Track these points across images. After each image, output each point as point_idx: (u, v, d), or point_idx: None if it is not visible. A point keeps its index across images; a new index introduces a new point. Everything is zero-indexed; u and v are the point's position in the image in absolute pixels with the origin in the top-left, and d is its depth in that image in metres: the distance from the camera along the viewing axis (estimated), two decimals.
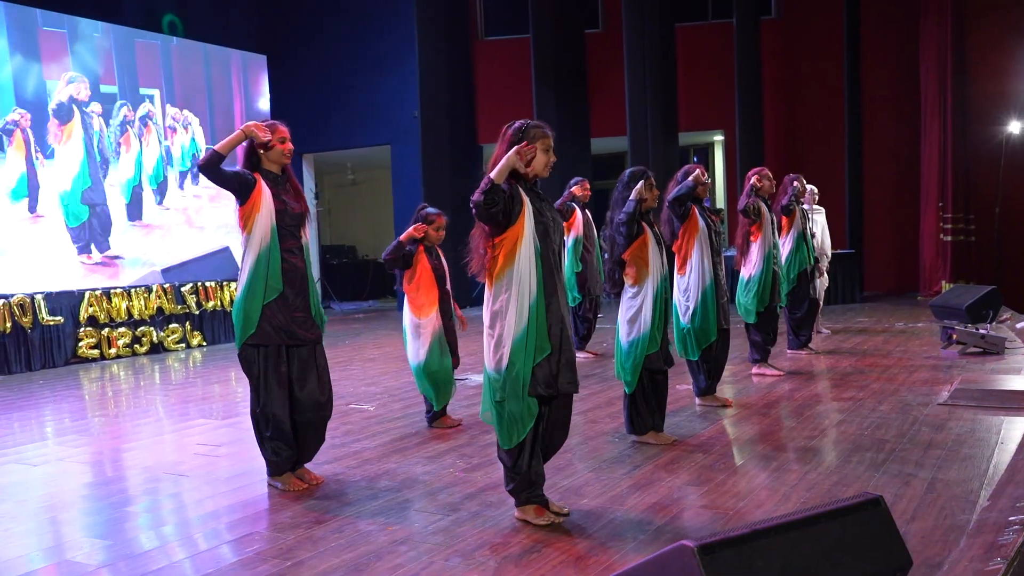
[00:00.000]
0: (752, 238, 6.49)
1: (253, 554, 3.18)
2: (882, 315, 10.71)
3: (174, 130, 10.96)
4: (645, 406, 4.64)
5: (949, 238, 12.58)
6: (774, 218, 6.72)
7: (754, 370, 6.67)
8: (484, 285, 3.43)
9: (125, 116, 10.26)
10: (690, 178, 5.29)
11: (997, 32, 12.75)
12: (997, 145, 12.64)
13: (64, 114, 9.48)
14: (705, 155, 17.21)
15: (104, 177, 9.91)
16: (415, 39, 13.39)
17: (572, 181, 8.14)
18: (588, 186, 8.19)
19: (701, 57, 14.41)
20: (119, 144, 10.15)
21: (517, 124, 3.48)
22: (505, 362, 3.28)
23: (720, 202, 16.06)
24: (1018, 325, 8.51)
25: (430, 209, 5.37)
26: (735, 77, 13.34)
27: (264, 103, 12.57)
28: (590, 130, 14.38)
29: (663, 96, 13.10)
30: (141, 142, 10.45)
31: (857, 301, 12.30)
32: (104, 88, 10.05)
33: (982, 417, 4.91)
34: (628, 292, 4.58)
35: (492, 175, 3.24)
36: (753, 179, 6.56)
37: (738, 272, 6.64)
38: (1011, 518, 3.00)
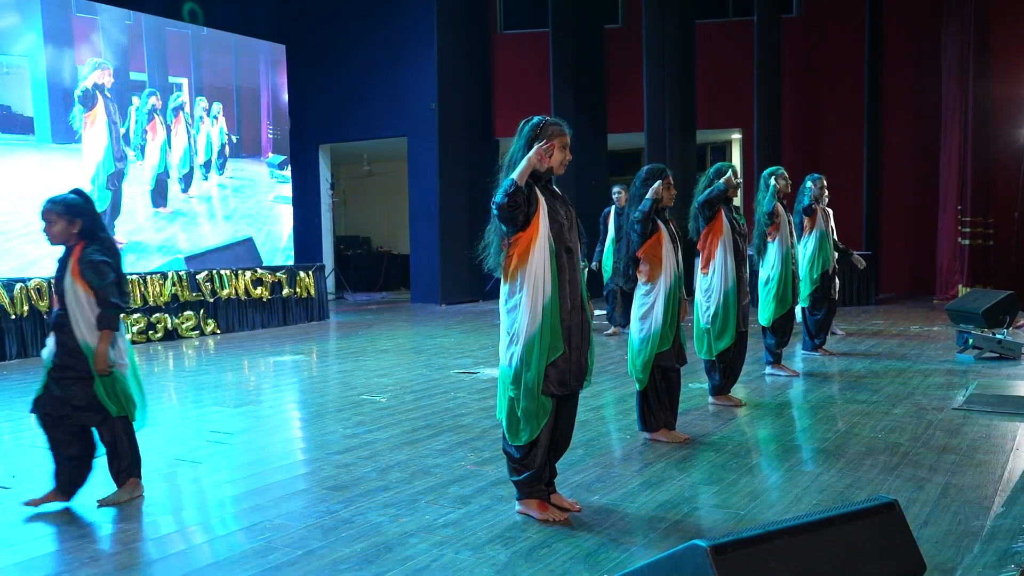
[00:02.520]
0: (769, 238, 6.48)
1: (264, 542, 3.20)
2: (897, 317, 10.64)
3: (202, 119, 11.03)
4: (657, 403, 4.63)
5: (967, 241, 12.47)
6: (791, 219, 6.70)
7: (768, 370, 6.64)
8: (500, 280, 3.43)
9: (153, 105, 10.34)
10: (721, 180, 5.28)
11: (1020, 34, 12.62)
12: (1018, 149, 12.51)
13: (89, 100, 9.56)
14: (723, 153, 17.13)
15: (130, 163, 10.01)
16: (434, 31, 13.38)
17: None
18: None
19: (720, 54, 14.33)
20: (145, 132, 10.23)
21: (534, 120, 3.46)
22: (518, 359, 3.28)
23: (736, 200, 15.99)
24: None
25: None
26: (754, 75, 13.25)
27: (285, 95, 12.62)
28: (607, 126, 14.33)
29: (681, 93, 13.04)
30: (170, 130, 10.52)
31: (872, 303, 12.22)
32: (134, 75, 10.14)
33: (997, 423, 4.88)
34: (641, 289, 4.58)
35: (515, 177, 3.21)
36: (771, 180, 6.55)
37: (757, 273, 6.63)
38: None
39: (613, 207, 9.04)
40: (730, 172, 5.37)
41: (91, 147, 9.51)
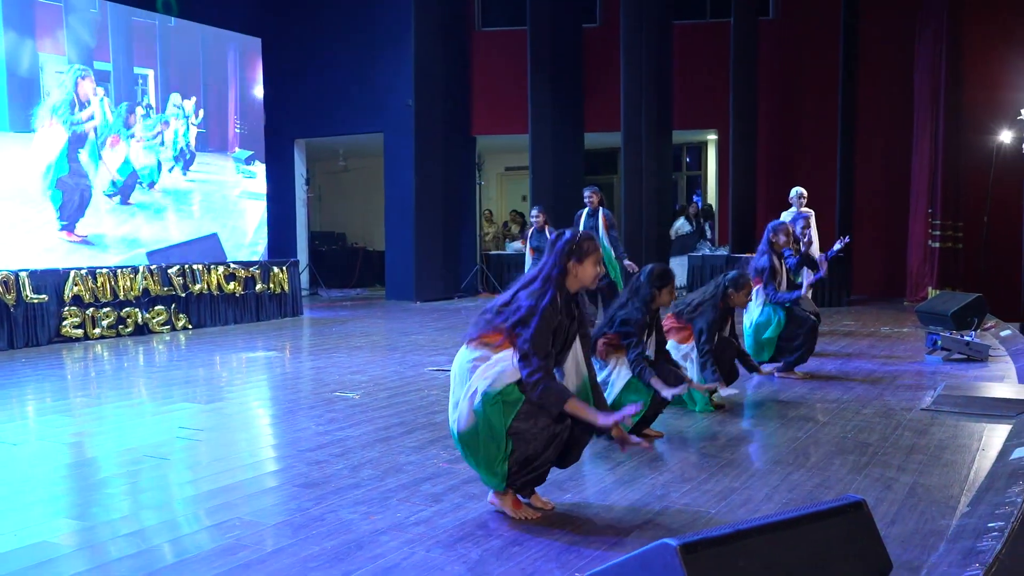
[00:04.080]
0: (754, 283, 6.43)
1: (233, 540, 3.17)
2: (868, 319, 10.76)
3: (168, 112, 10.89)
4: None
5: (937, 244, 12.64)
6: (786, 271, 6.66)
7: (779, 374, 6.57)
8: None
9: (120, 97, 10.20)
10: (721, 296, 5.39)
11: (991, 42, 12.80)
12: (988, 154, 12.70)
13: (61, 105, 9.45)
14: (698, 153, 17.24)
15: (96, 157, 9.87)
16: (412, 27, 13.33)
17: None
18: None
19: (697, 55, 14.42)
20: (111, 124, 10.08)
21: (567, 236, 3.40)
22: (472, 424, 3.24)
23: (711, 200, 16.09)
24: (1002, 333, 8.56)
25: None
26: (730, 76, 13.34)
27: (259, 90, 12.49)
28: (584, 125, 14.37)
29: (658, 93, 13.09)
30: (134, 124, 10.38)
31: (844, 304, 12.34)
32: (98, 65, 9.97)
33: (964, 423, 4.94)
34: (597, 362, 4.54)
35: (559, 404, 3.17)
36: (770, 235, 6.54)
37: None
38: (990, 524, 3.02)
39: (586, 209, 9.02)
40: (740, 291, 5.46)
41: (52, 139, 9.36)
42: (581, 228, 8.68)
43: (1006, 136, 12.53)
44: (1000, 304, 11.31)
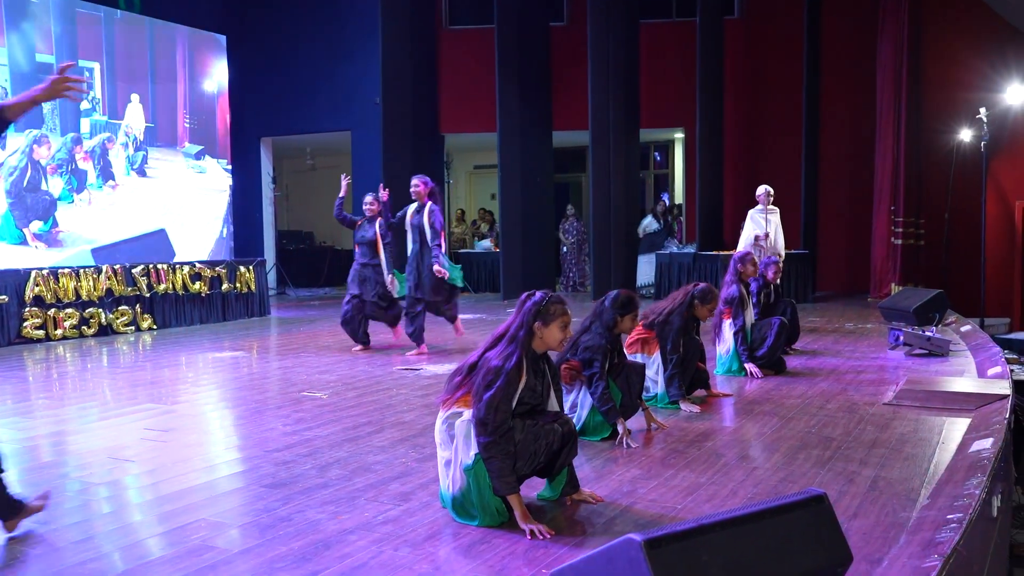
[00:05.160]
0: (724, 316, 6.49)
1: (199, 542, 3.14)
2: (833, 315, 10.90)
3: (116, 108, 10.74)
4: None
5: (900, 241, 12.85)
6: (751, 301, 6.68)
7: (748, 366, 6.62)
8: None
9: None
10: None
11: (951, 43, 13.03)
12: (948, 152, 12.93)
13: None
14: (665, 152, 17.35)
15: (37, 153, 9.71)
16: (379, 25, 13.27)
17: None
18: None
19: (664, 55, 14.52)
20: (55, 120, 9.90)
21: (537, 297, 3.38)
22: (460, 489, 3.28)
23: (678, 198, 16.21)
24: (963, 328, 8.72)
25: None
26: (697, 75, 13.45)
27: (210, 84, 12.33)
28: (552, 123, 14.41)
29: (625, 92, 13.16)
30: (81, 116, 10.21)
31: (809, 300, 12.50)
32: (40, 58, 9.77)
33: (925, 417, 5.03)
34: (564, 388, 4.57)
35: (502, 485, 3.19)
36: (737, 265, 6.58)
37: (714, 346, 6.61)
38: (949, 516, 3.08)
39: (414, 204, 7.75)
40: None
41: None
42: (408, 225, 7.74)
43: (965, 135, 12.77)
44: (961, 300, 11.54)
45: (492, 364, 3.27)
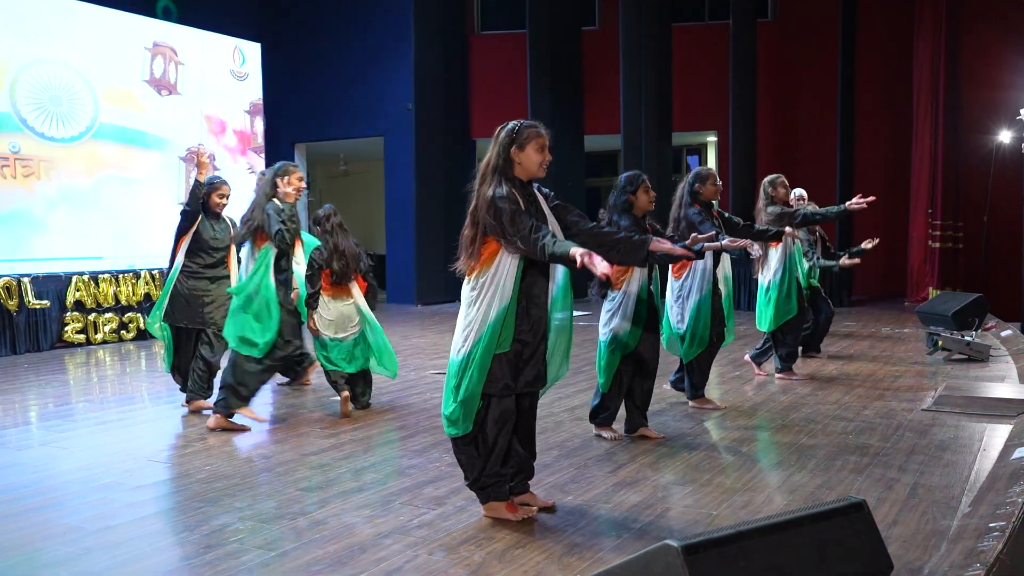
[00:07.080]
0: (771, 244, 6.42)
1: (237, 543, 3.18)
2: (869, 320, 10.77)
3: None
4: (624, 403, 4.69)
5: (937, 245, 12.65)
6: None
7: (778, 377, 6.57)
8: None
9: None
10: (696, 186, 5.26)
11: (990, 42, 12.81)
12: (987, 154, 12.70)
13: None
14: (698, 155, 17.25)
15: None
16: (411, 31, 13.36)
17: None
18: None
19: (696, 58, 14.43)
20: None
21: (510, 126, 3.38)
22: (465, 353, 3.28)
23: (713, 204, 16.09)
24: (1003, 333, 8.57)
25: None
26: (729, 78, 13.36)
27: (248, 91, 12.41)
28: (584, 128, 14.38)
29: (658, 95, 13.10)
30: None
31: (845, 305, 12.35)
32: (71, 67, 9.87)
33: (965, 423, 4.95)
34: (610, 294, 4.60)
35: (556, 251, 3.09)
36: (770, 188, 6.52)
37: (756, 280, 6.58)
38: (991, 524, 3.03)
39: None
40: (707, 180, 5.37)
41: None
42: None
43: (1005, 136, 12.54)
44: (1000, 304, 11.31)
45: (486, 197, 3.26)
